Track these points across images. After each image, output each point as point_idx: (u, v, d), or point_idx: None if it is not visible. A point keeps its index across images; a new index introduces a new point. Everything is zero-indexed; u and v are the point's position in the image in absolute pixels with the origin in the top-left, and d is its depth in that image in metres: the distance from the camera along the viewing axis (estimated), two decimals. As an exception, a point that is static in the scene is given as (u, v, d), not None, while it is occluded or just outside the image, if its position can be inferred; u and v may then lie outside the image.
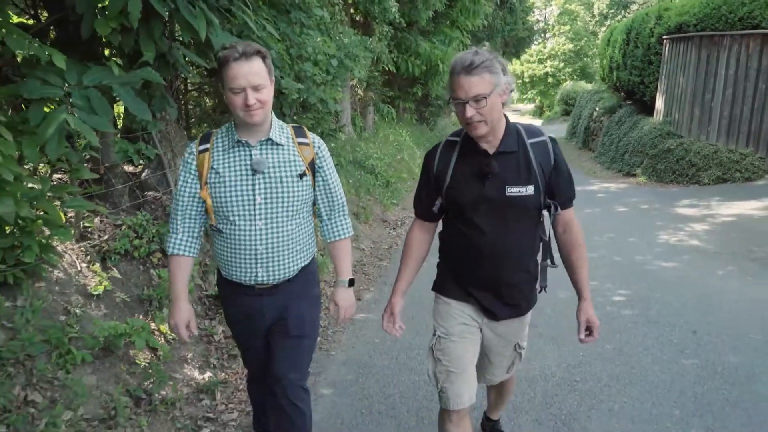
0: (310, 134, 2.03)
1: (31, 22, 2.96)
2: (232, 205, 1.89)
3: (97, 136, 2.17)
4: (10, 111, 2.38)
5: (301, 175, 1.94)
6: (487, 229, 1.87)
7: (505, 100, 1.78)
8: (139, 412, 2.59)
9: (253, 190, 1.88)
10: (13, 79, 2.40)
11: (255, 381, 2.29)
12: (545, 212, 1.94)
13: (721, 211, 7.45)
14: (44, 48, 2.14)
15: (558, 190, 1.89)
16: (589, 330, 1.94)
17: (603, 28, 25.90)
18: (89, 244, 3.11)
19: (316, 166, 2.00)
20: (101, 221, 3.22)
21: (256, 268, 1.94)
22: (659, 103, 11.14)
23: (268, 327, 2.08)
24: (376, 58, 7.34)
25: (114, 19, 2.35)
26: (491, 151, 1.83)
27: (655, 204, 8.33)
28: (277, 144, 1.92)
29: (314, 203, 2.07)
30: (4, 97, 2.30)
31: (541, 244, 1.97)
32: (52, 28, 2.76)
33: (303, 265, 2.05)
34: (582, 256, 1.96)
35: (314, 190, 2.02)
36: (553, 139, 1.90)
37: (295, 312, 2.04)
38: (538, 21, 43.19)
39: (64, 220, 2.73)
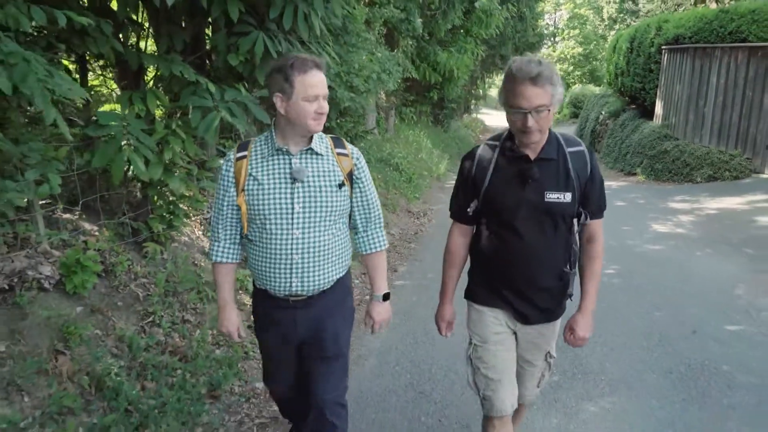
0: (349, 146, 2.02)
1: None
2: (270, 213, 1.87)
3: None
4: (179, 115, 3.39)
5: (340, 185, 1.93)
6: (524, 233, 1.87)
7: (557, 109, 1.80)
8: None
9: (292, 198, 1.86)
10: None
11: (282, 400, 2.35)
12: (575, 221, 1.96)
13: (708, 206, 8.35)
14: (197, 76, 3.14)
15: (591, 200, 1.92)
16: (573, 336, 2.00)
17: (612, 32, 26.55)
18: (202, 217, 4.13)
19: (354, 177, 1.99)
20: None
21: (291, 278, 1.91)
22: (658, 108, 12.02)
23: (301, 341, 2.05)
24: (403, 69, 8.32)
25: (242, 55, 3.35)
26: (532, 156, 1.85)
27: (650, 199, 9.23)
28: (318, 154, 1.90)
29: (350, 215, 2.06)
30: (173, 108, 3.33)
31: (572, 252, 1.98)
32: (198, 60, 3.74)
33: (338, 276, 2.02)
34: (597, 268, 1.99)
35: (351, 201, 2.02)
36: (591, 150, 1.93)
37: (331, 330, 2.03)
38: (548, 25, 43.85)
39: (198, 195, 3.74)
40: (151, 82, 3.51)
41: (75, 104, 3.42)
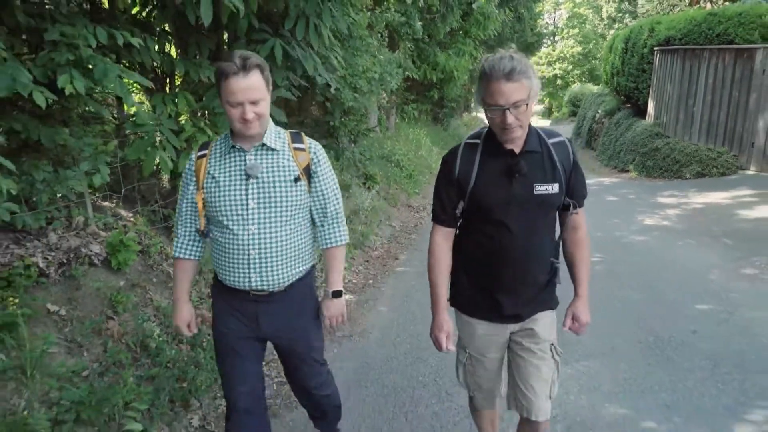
0: (307, 140, 2.02)
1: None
2: (225, 209, 1.88)
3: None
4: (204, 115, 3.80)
5: (296, 180, 1.93)
6: (515, 229, 1.84)
7: (535, 102, 1.78)
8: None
9: (247, 194, 1.88)
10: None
11: (237, 420, 2.09)
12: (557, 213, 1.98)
13: (695, 200, 8.75)
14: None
15: (576, 189, 1.93)
16: (576, 323, 2.02)
17: (611, 31, 26.91)
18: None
19: (311, 171, 1.98)
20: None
21: (249, 273, 1.92)
22: (650, 107, 12.42)
23: (264, 337, 2.08)
24: (404, 70, 8.74)
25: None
26: (517, 150, 1.84)
27: (641, 194, 9.63)
28: (272, 149, 1.92)
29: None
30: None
31: (557, 243, 2.00)
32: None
33: (299, 273, 2.02)
34: (586, 254, 2.00)
35: (310, 195, 2.01)
36: (570, 140, 1.95)
37: (300, 336, 2.09)
38: (547, 24, 44.19)
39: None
40: (179, 86, 3.93)
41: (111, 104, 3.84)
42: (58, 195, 2.71)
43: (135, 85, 4.80)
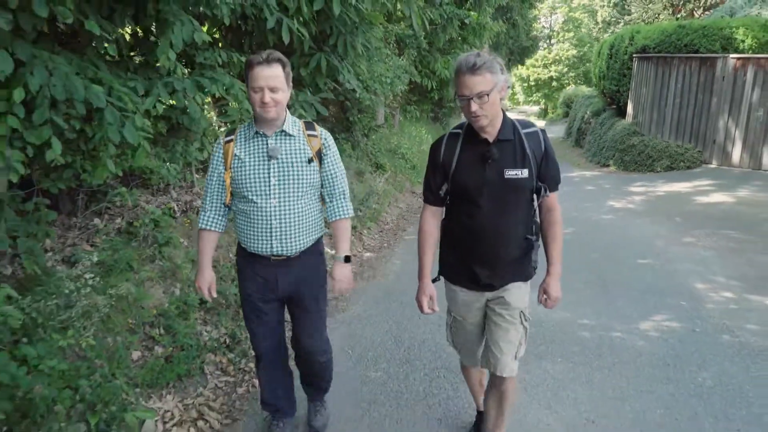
0: (318, 128, 2.30)
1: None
2: (251, 186, 2.15)
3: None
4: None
5: (309, 161, 2.21)
6: (488, 209, 2.07)
7: (504, 96, 1.97)
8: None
9: (269, 172, 2.15)
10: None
11: (264, 366, 2.51)
12: (535, 196, 2.15)
13: (660, 189, 10.08)
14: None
15: (547, 174, 2.11)
16: (548, 298, 2.23)
17: (606, 35, 28.00)
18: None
19: (321, 155, 2.27)
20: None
21: (271, 240, 2.19)
22: (630, 108, 13.74)
23: (283, 296, 2.36)
24: (409, 75, 10.02)
25: (310, 68, 5.06)
26: (491, 139, 2.03)
27: (615, 185, 10.95)
28: (290, 135, 2.20)
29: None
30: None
31: (533, 224, 2.18)
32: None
33: (311, 241, 2.31)
34: (558, 232, 2.20)
35: (320, 175, 2.28)
36: (543, 131, 2.12)
37: (310, 292, 2.38)
38: (543, 28, 45.30)
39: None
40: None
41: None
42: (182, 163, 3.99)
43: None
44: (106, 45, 2.78)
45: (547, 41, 45.40)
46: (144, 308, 3.18)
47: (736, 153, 10.89)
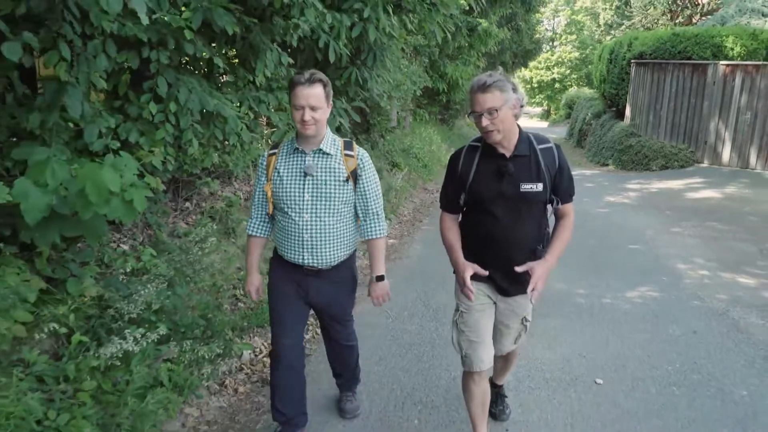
0: (357, 148, 2.34)
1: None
2: (286, 200, 2.24)
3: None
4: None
5: (345, 181, 2.26)
6: (502, 219, 2.17)
7: (517, 113, 2.07)
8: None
9: (303, 188, 2.23)
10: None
11: (283, 367, 2.45)
12: (549, 206, 2.25)
13: (654, 186, 10.87)
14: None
15: (561, 188, 2.22)
16: (532, 277, 2.17)
17: (608, 37, 28.53)
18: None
19: (357, 175, 2.30)
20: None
21: (302, 252, 2.28)
22: (628, 111, 14.53)
23: (311, 303, 2.45)
24: (423, 81, 10.86)
25: (343, 80, 5.88)
26: (508, 154, 2.13)
27: (613, 182, 11.73)
28: (327, 153, 2.26)
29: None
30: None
31: (544, 234, 2.28)
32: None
33: (344, 256, 2.37)
34: (564, 234, 2.29)
35: (355, 194, 2.33)
36: (557, 146, 2.20)
37: (339, 306, 2.52)
38: (546, 30, 45.91)
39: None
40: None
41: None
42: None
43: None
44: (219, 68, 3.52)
45: (550, 43, 46.02)
46: (225, 273, 4.01)
47: (726, 153, 11.69)
